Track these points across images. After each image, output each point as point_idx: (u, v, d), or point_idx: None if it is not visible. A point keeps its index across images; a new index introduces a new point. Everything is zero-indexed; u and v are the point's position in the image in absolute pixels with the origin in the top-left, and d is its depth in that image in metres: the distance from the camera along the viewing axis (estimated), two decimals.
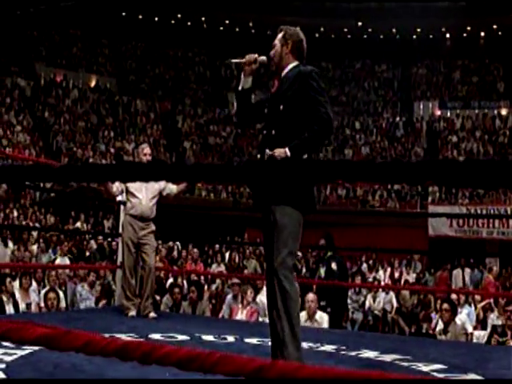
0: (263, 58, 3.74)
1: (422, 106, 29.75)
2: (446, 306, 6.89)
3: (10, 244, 11.14)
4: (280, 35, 3.70)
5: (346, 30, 31.26)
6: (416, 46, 30.87)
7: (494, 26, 29.38)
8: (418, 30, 30.82)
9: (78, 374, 3.23)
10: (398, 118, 28.97)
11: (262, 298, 8.33)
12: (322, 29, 31.33)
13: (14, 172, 1.63)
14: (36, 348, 3.81)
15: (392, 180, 1.37)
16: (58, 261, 10.82)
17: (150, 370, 3.25)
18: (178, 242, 14.55)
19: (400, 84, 31.52)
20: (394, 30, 30.91)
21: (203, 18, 30.97)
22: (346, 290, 10.24)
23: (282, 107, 3.59)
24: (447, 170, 1.21)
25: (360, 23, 30.52)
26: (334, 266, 8.79)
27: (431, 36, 30.95)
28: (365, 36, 31.43)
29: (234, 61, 3.82)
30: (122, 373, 3.28)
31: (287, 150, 3.45)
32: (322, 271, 8.97)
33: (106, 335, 2.46)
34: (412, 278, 15.30)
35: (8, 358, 3.56)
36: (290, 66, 3.69)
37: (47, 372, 3.24)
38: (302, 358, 3.49)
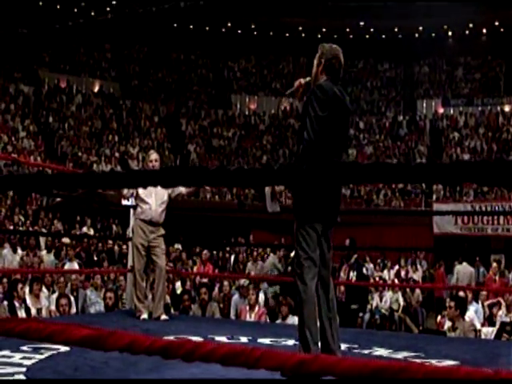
0: (307, 78, 3.95)
1: (424, 105, 29.73)
2: (453, 303, 6.92)
3: (19, 250, 11.16)
4: (317, 54, 3.88)
5: (348, 29, 31.25)
6: (418, 44, 30.82)
7: (496, 23, 29.32)
8: (420, 28, 30.79)
9: (98, 377, 3.28)
10: (401, 117, 28.95)
11: None
12: (323, 29, 31.35)
13: (24, 180, 1.68)
14: (54, 352, 3.88)
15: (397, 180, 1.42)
16: (67, 266, 10.84)
17: (168, 371, 3.32)
18: (178, 245, 14.51)
19: (403, 83, 31.50)
20: (396, 29, 30.90)
21: (205, 21, 30.99)
22: (367, 292, 10.44)
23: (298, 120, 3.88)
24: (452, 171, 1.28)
25: (362, 23, 30.50)
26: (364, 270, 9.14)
27: (433, 34, 30.91)
28: (367, 36, 31.43)
29: (288, 92, 4.09)
30: (141, 375, 3.33)
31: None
32: (353, 275, 9.19)
33: None
34: (418, 276, 15.32)
35: (27, 362, 3.61)
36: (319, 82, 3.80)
37: (68, 375, 3.29)
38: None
